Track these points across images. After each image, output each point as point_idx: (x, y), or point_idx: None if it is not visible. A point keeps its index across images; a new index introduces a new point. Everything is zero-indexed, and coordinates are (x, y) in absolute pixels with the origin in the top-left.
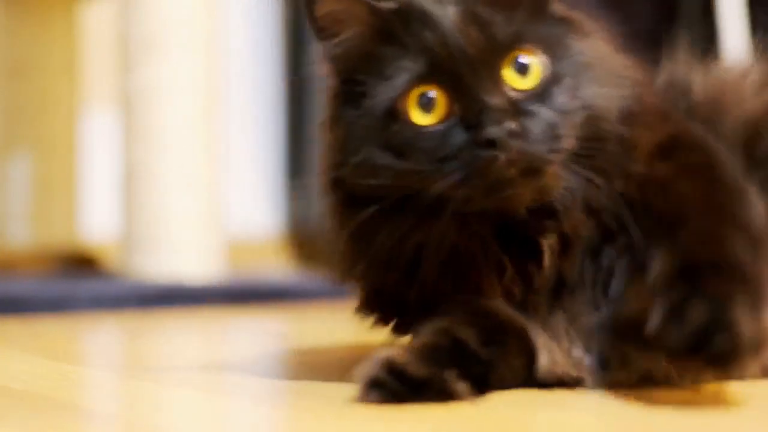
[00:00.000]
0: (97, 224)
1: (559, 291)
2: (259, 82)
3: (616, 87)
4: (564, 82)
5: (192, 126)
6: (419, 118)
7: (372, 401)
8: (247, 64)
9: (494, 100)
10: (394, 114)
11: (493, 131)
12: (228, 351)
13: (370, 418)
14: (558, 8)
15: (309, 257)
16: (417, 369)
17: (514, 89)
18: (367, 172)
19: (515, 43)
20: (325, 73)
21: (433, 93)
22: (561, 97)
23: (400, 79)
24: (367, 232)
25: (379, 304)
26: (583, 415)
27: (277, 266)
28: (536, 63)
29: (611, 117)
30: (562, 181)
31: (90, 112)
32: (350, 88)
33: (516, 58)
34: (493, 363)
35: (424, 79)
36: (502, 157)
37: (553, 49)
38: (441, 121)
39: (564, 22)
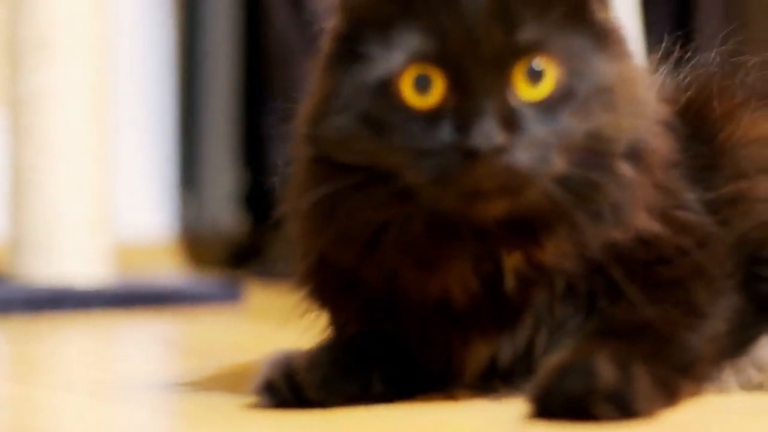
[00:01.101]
0: None
1: (515, 318)
2: (150, 85)
3: (631, 118)
4: (574, 101)
5: (82, 129)
6: (412, 97)
7: (265, 406)
8: (139, 67)
9: (492, 107)
10: (388, 86)
11: (478, 141)
12: (117, 356)
13: (262, 425)
14: (602, 18)
15: (201, 260)
16: (312, 377)
17: (520, 97)
18: (345, 139)
19: (535, 48)
20: (333, 12)
21: (432, 76)
22: (565, 117)
23: (403, 52)
24: (334, 198)
25: (321, 277)
26: (467, 417)
27: (169, 270)
28: (551, 74)
29: (616, 150)
30: (546, 203)
31: None
32: (351, 45)
33: (531, 63)
34: (395, 379)
35: (428, 59)
36: (480, 170)
37: (574, 63)
38: (432, 108)
39: (600, 35)
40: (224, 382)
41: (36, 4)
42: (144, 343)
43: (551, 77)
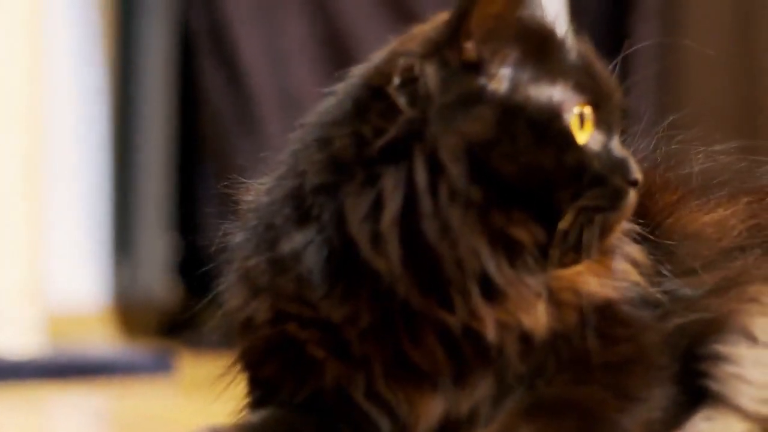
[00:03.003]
0: None
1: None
2: (83, 153)
3: None
4: None
5: (13, 196)
6: (576, 129)
7: None
8: (72, 134)
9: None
10: (555, 118)
11: (639, 175)
12: (47, 429)
13: None
14: None
15: (134, 329)
16: None
17: None
18: (517, 163)
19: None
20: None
21: (588, 112)
22: None
23: (568, 87)
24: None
25: (263, 341)
26: None
27: (101, 339)
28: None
29: None
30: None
31: None
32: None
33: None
34: None
35: (588, 96)
36: (633, 199)
37: None
38: (588, 143)
39: None
40: None
41: None
42: (74, 416)
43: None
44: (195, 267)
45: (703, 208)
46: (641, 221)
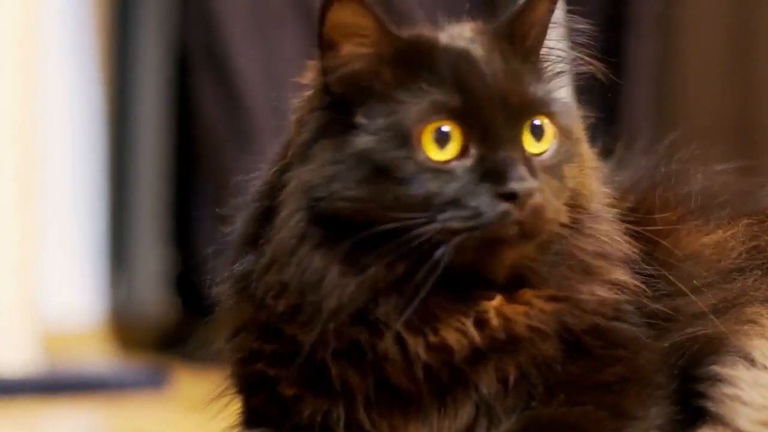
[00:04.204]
0: None
1: (457, 401)
2: (79, 168)
3: (595, 187)
4: (565, 159)
5: (7, 212)
6: (433, 151)
7: None
8: (68, 149)
9: (517, 155)
10: (407, 141)
11: (517, 186)
12: None
13: None
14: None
15: (129, 344)
16: None
17: (528, 151)
18: (355, 198)
19: (544, 107)
20: (312, 83)
21: (450, 129)
22: (560, 172)
23: (423, 107)
24: (338, 260)
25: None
26: None
27: (96, 354)
28: (549, 131)
29: (591, 210)
30: (548, 254)
31: None
32: (341, 110)
33: (537, 119)
34: None
35: (450, 113)
36: (516, 213)
37: (563, 124)
38: (450, 161)
39: (571, 108)
40: None
41: None
42: None
43: (550, 134)
44: (190, 282)
45: (702, 228)
46: (640, 241)
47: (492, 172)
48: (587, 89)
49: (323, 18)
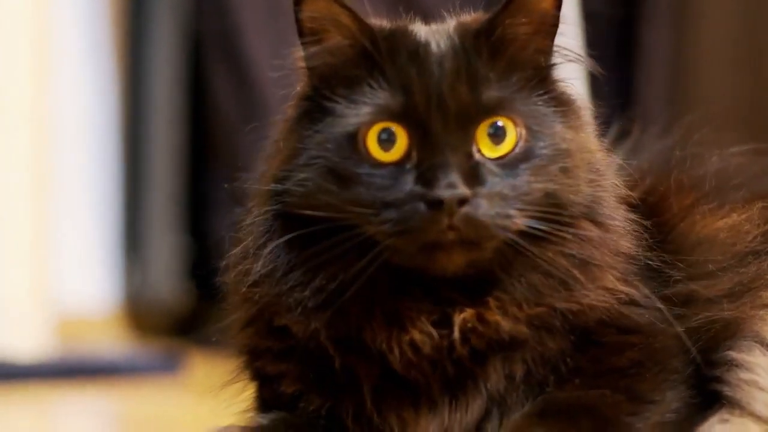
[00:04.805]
0: None
1: (467, 393)
2: (93, 155)
3: (590, 185)
4: (534, 162)
5: (22, 199)
6: (377, 152)
7: None
8: (82, 137)
9: (455, 161)
10: (353, 142)
11: (443, 192)
12: (56, 430)
13: None
14: (561, 87)
15: (144, 330)
16: None
17: (483, 153)
18: (310, 193)
19: (499, 108)
20: (299, 78)
21: (396, 131)
22: (525, 175)
23: (369, 108)
24: (294, 253)
25: (263, 347)
26: None
27: (110, 340)
28: (511, 134)
29: (575, 212)
30: (503, 259)
31: None
32: (317, 104)
33: (495, 122)
34: None
35: (393, 115)
36: (445, 220)
37: (533, 125)
38: (395, 163)
39: (560, 103)
40: None
41: None
42: (83, 418)
43: (512, 136)
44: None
45: (717, 212)
46: (656, 223)
47: (424, 177)
48: (604, 75)
49: (299, 4)
